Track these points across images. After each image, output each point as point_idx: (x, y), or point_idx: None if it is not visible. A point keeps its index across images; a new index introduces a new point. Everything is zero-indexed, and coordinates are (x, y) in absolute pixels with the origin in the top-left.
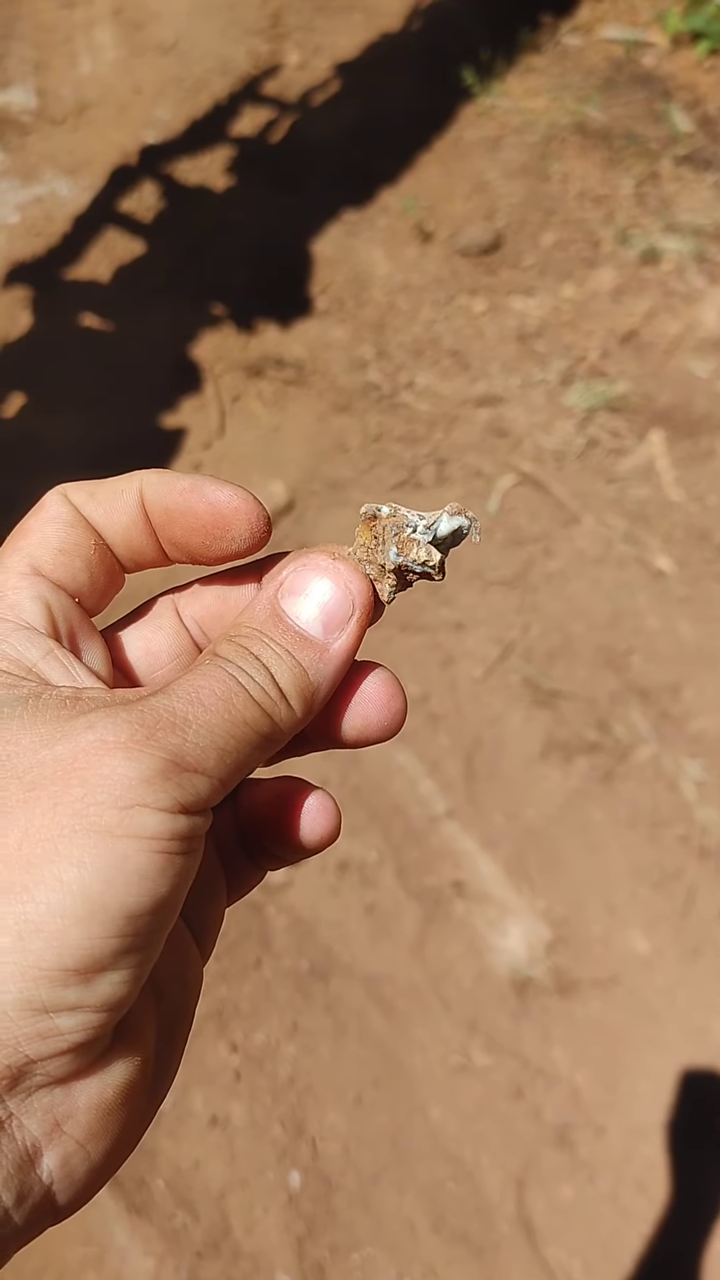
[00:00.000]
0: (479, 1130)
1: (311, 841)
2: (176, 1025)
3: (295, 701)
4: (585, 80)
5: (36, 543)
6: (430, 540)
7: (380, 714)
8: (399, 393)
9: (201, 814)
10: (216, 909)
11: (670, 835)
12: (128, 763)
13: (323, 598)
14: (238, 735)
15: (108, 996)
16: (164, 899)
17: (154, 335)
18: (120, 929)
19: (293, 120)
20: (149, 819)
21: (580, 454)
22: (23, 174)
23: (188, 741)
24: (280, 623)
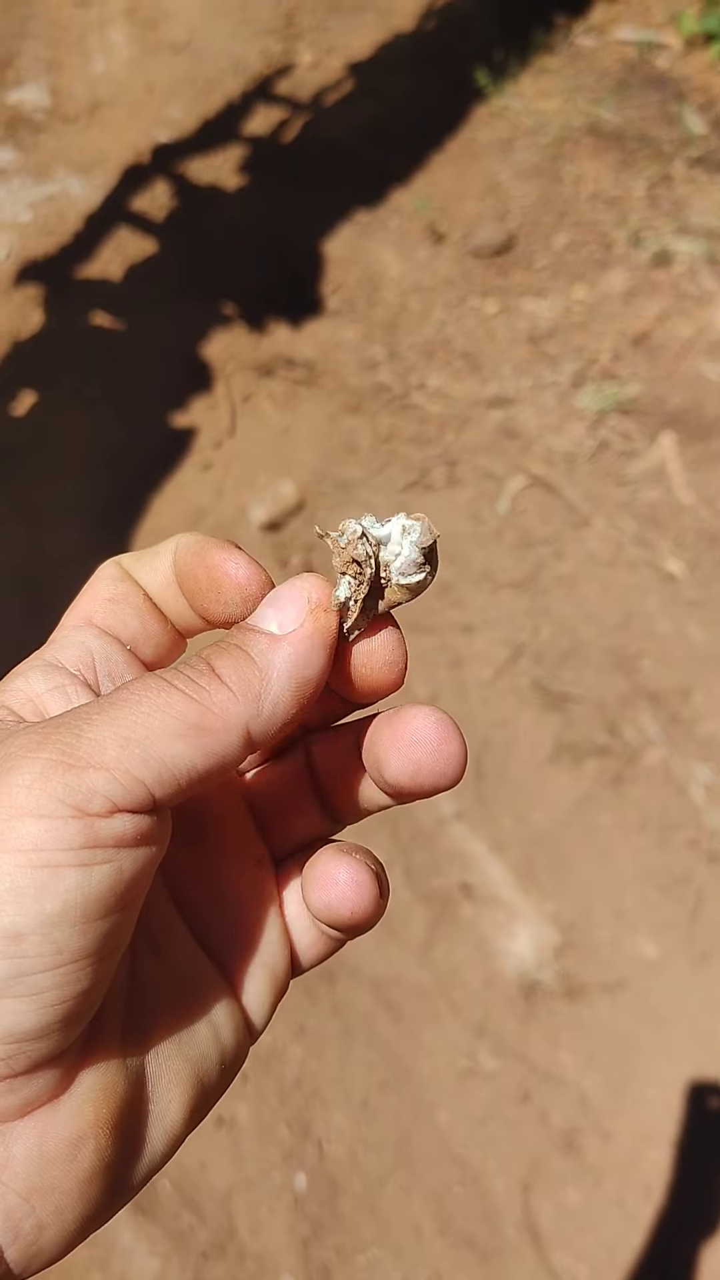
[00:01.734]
0: (486, 1134)
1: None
2: (178, 1080)
3: (236, 685)
4: (598, 82)
5: (89, 598)
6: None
7: (430, 758)
8: (410, 394)
9: (120, 814)
10: (263, 961)
11: (679, 839)
12: (13, 773)
13: (277, 596)
14: (149, 724)
15: (11, 1027)
16: (52, 915)
17: (165, 334)
18: (1, 950)
19: (305, 120)
20: (29, 828)
21: (591, 456)
22: (35, 172)
23: (83, 737)
24: (239, 627)
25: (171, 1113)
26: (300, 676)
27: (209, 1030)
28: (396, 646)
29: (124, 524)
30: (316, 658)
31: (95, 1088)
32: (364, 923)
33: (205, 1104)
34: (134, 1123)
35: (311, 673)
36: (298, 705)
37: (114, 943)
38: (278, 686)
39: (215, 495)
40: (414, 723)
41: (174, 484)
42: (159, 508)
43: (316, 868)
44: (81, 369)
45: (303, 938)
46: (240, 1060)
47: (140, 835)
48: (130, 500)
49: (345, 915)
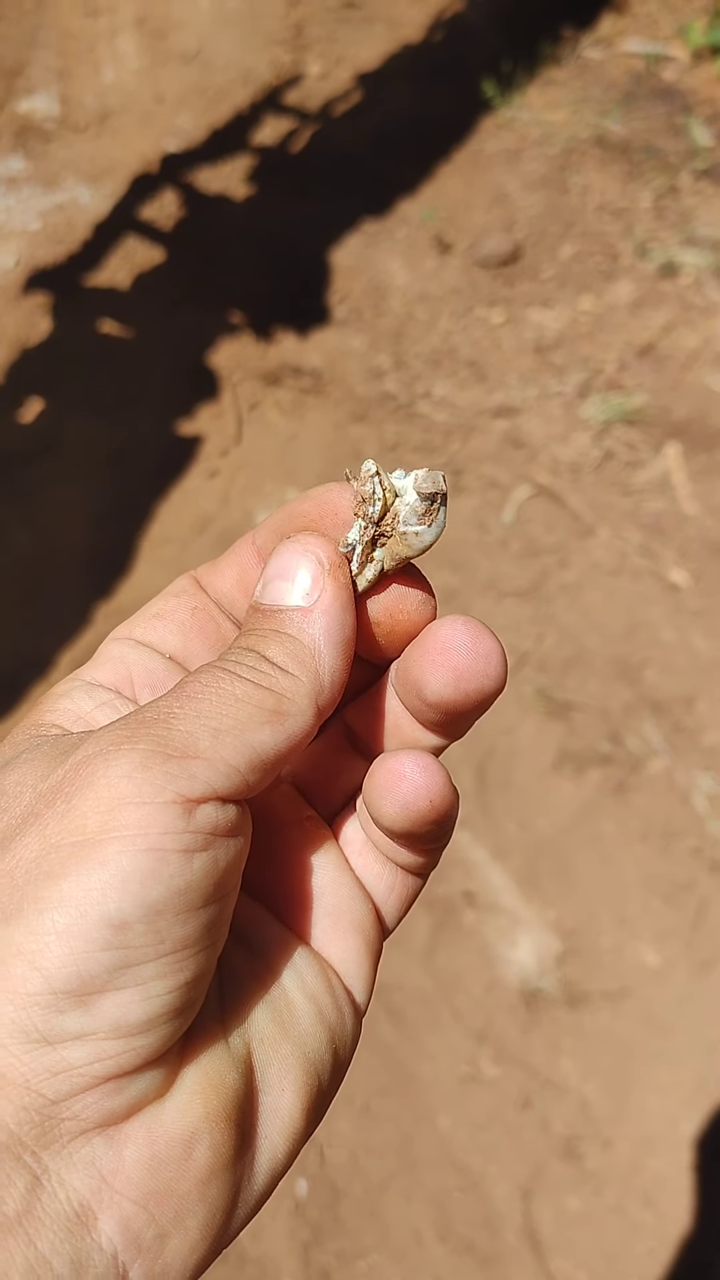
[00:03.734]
0: (487, 1140)
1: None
2: (288, 1067)
3: (295, 667)
4: (605, 93)
5: (139, 613)
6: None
7: (468, 659)
8: (416, 403)
9: (212, 802)
10: (348, 923)
11: (682, 848)
12: (109, 764)
13: (282, 567)
14: (233, 713)
15: (118, 1020)
16: (157, 902)
17: (173, 342)
18: (106, 940)
19: (313, 130)
20: (132, 814)
21: (596, 466)
22: (45, 181)
23: (174, 729)
24: (257, 611)
25: (286, 1103)
26: (341, 639)
27: (310, 1008)
28: (420, 590)
29: (130, 531)
30: (349, 616)
31: (202, 1081)
32: (445, 813)
33: (322, 1093)
34: (247, 1116)
35: (349, 632)
36: (348, 667)
37: (214, 933)
38: (329, 657)
39: (222, 503)
40: (441, 631)
41: (180, 491)
42: (165, 515)
43: (379, 772)
44: (89, 376)
45: (378, 886)
46: (351, 1039)
47: (233, 825)
48: (136, 507)
49: (425, 806)
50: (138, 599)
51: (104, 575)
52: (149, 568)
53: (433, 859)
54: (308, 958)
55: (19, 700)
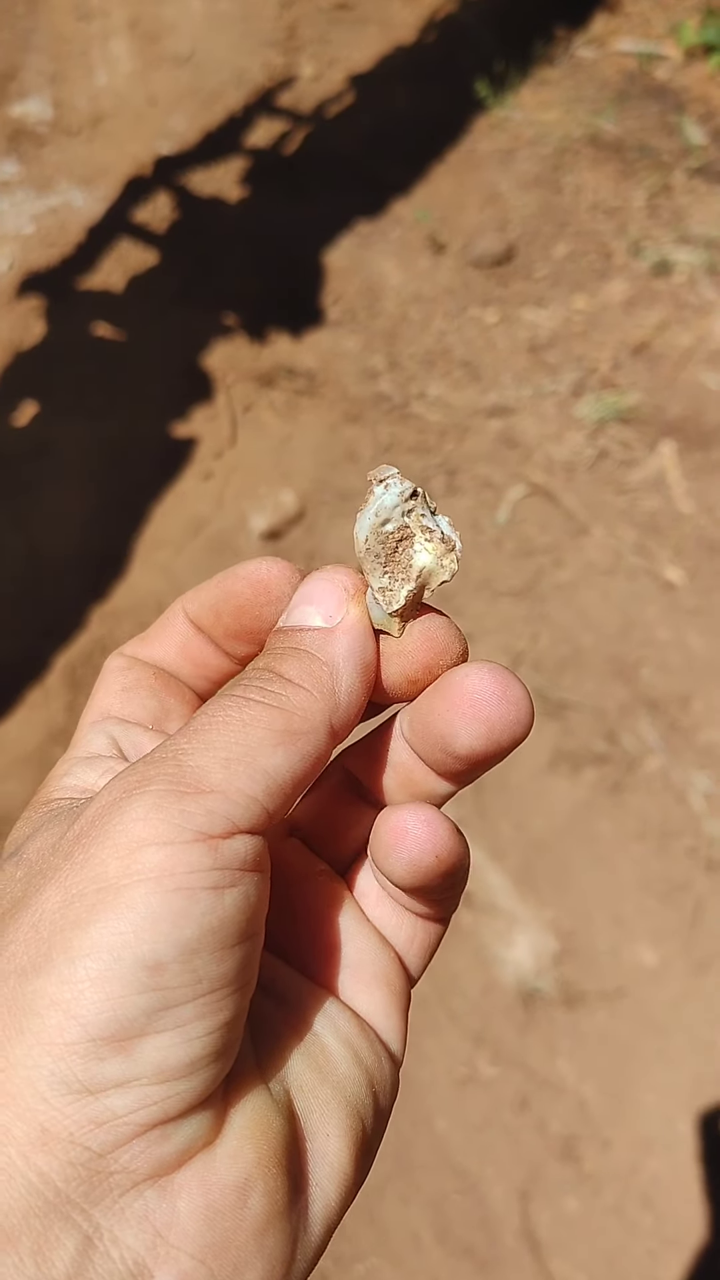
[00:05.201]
0: (485, 1142)
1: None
2: (330, 1112)
3: (309, 683)
4: (598, 93)
5: (101, 694)
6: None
7: (500, 710)
8: (410, 403)
9: (237, 836)
10: (371, 974)
11: (678, 847)
12: (123, 810)
13: (310, 592)
14: (245, 739)
15: (160, 1064)
16: (191, 941)
17: (166, 345)
18: (142, 983)
19: (307, 132)
20: (154, 855)
21: (591, 465)
22: (38, 184)
23: (185, 765)
24: (278, 633)
25: (333, 1149)
26: (363, 661)
27: (346, 1053)
28: (447, 627)
29: (124, 533)
30: (370, 642)
31: (250, 1126)
32: (453, 866)
33: (366, 1137)
34: (297, 1162)
35: (370, 656)
36: (366, 693)
37: (249, 972)
38: (347, 677)
39: (216, 505)
40: (469, 681)
41: (175, 493)
42: (159, 517)
43: (383, 830)
44: (82, 379)
45: (398, 935)
46: (391, 1085)
47: (258, 859)
48: (131, 509)
49: (431, 862)
50: (132, 601)
51: (99, 578)
52: (144, 570)
53: (448, 909)
54: (338, 1005)
55: (15, 703)
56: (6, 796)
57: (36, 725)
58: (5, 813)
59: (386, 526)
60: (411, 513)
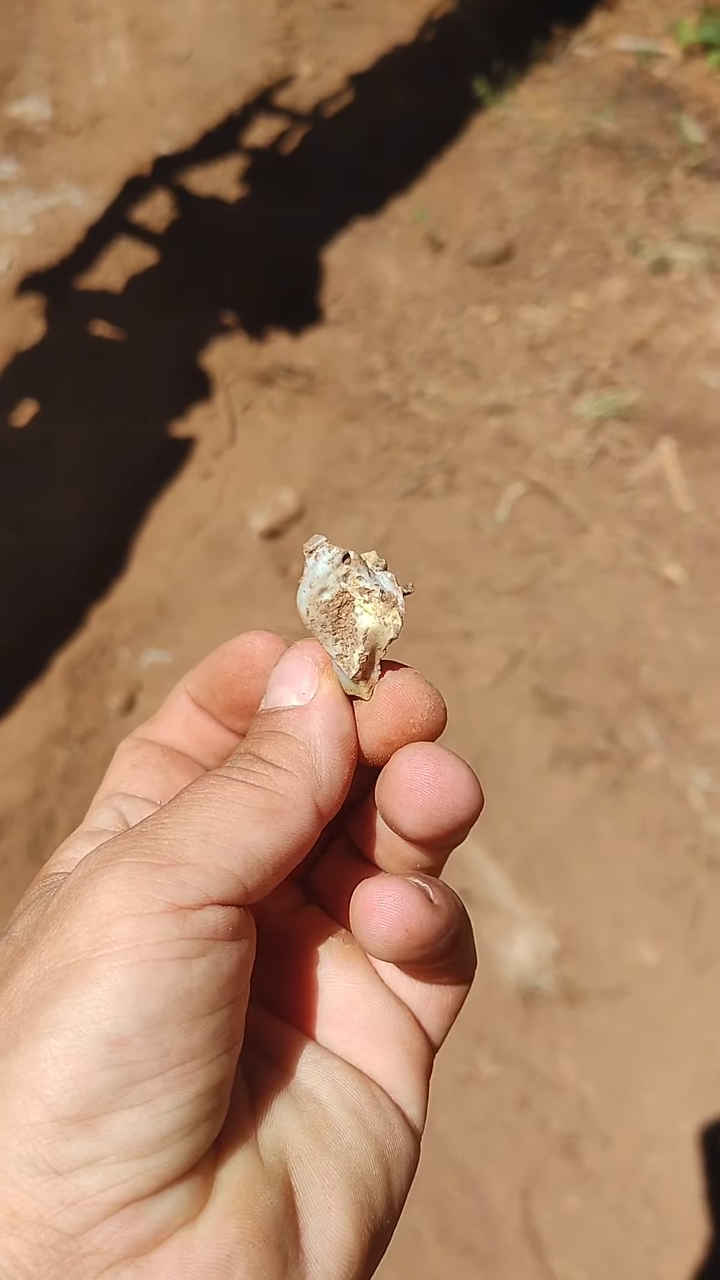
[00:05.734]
0: (485, 1140)
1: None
2: (332, 1184)
3: (290, 764)
4: (597, 91)
5: (112, 774)
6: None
7: (434, 798)
8: (409, 402)
9: (209, 907)
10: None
11: (679, 845)
12: (95, 883)
13: (283, 672)
14: (223, 816)
15: (127, 1141)
16: (155, 1014)
17: (165, 344)
18: (104, 1059)
19: (305, 131)
20: (122, 928)
21: (590, 463)
22: (37, 184)
23: (162, 839)
24: (257, 717)
25: (334, 1222)
26: (339, 734)
27: (351, 1121)
28: (413, 683)
29: (124, 533)
30: (345, 712)
31: (235, 1201)
32: (428, 939)
33: (374, 1209)
34: (289, 1237)
35: (346, 728)
36: (349, 765)
37: (225, 1042)
38: (325, 752)
39: (215, 504)
40: (402, 770)
41: (174, 493)
42: (159, 516)
43: (355, 905)
44: (82, 379)
45: (412, 995)
46: (406, 1154)
47: (233, 929)
48: (130, 509)
49: (401, 937)
50: (132, 601)
51: (98, 578)
52: (143, 570)
53: (453, 974)
54: (346, 1072)
55: (15, 702)
56: (6, 796)
57: (36, 725)
58: (5, 814)
59: (324, 595)
60: (347, 576)
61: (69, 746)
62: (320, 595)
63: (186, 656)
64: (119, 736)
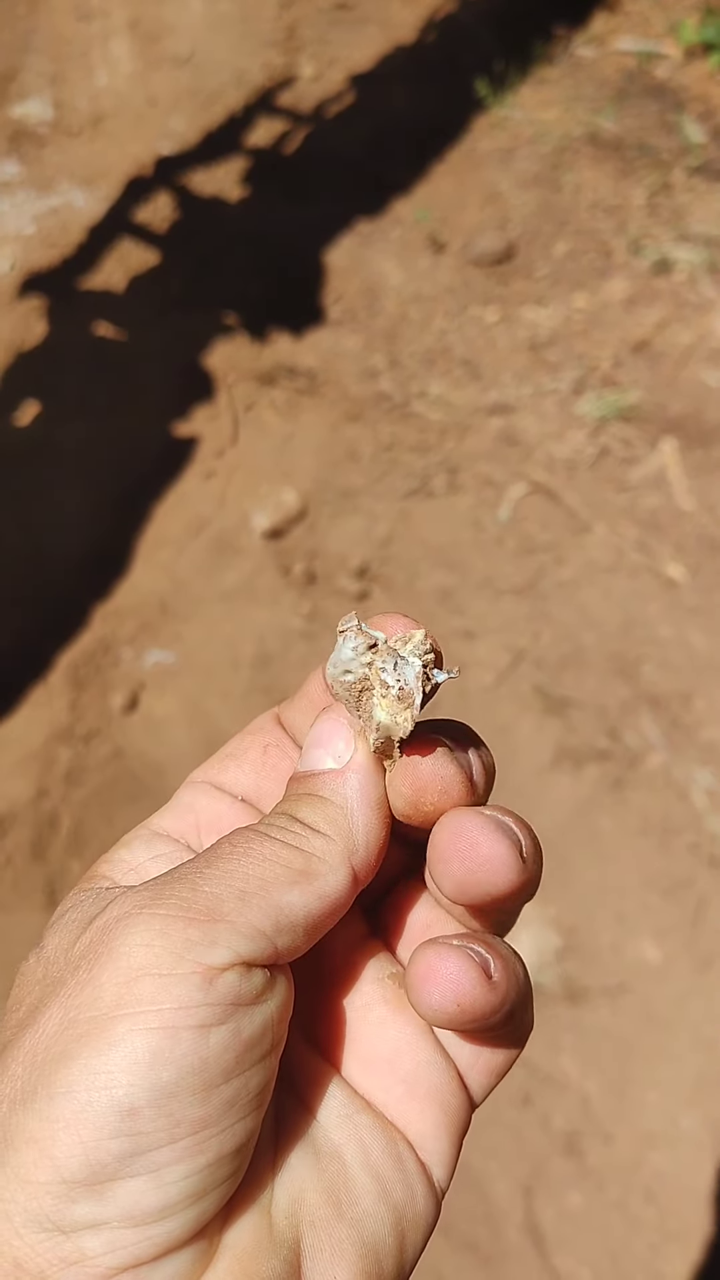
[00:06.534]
0: (487, 1137)
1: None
2: (341, 1253)
3: (326, 826)
4: (598, 92)
5: (216, 754)
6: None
7: (471, 869)
8: (411, 402)
9: (235, 969)
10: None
11: (680, 844)
12: (129, 931)
13: (319, 735)
14: (260, 874)
15: (130, 1209)
16: (168, 1085)
17: (168, 344)
18: (114, 1128)
19: (307, 132)
20: (148, 988)
21: (592, 463)
22: (39, 185)
23: (200, 891)
24: (294, 779)
25: None
26: (375, 798)
27: (373, 1187)
28: (433, 762)
29: (126, 532)
30: (380, 777)
31: (235, 1268)
32: (483, 1013)
33: (382, 1278)
34: None
35: (380, 792)
36: (384, 829)
37: (238, 1111)
38: (362, 816)
39: (218, 504)
40: (439, 836)
41: (176, 493)
42: (161, 516)
43: (412, 969)
44: (84, 379)
45: (461, 1053)
46: (423, 1221)
47: (257, 992)
48: (133, 509)
49: (454, 1010)
50: (135, 601)
51: (101, 577)
52: (146, 569)
53: (508, 1040)
54: (376, 1129)
55: (19, 701)
56: (10, 795)
57: (40, 724)
58: (9, 812)
59: (347, 677)
60: (370, 665)
61: (72, 746)
62: (343, 676)
63: (189, 656)
64: (122, 736)
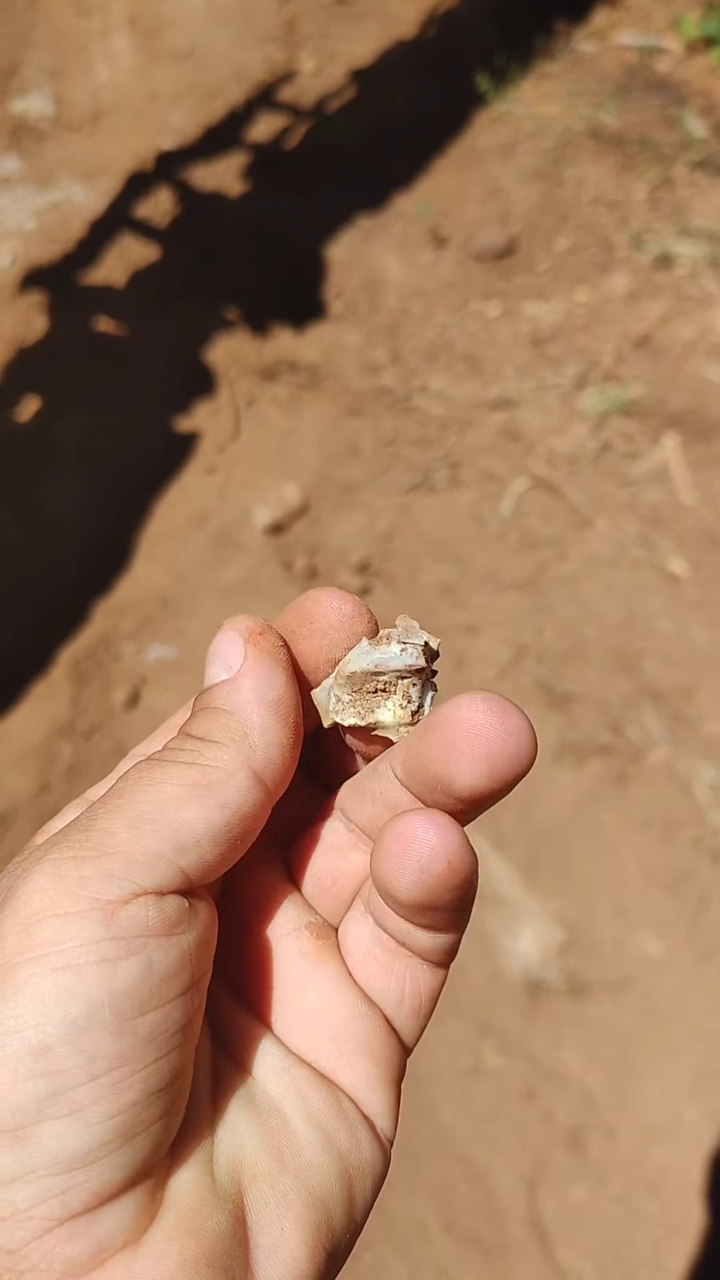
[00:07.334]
0: (490, 1131)
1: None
2: (288, 1204)
3: (221, 735)
4: (599, 86)
5: (157, 731)
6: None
7: (501, 744)
8: (412, 396)
9: (140, 899)
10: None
11: (683, 838)
12: (28, 879)
13: (213, 651)
14: (154, 797)
15: (55, 1154)
16: (79, 1019)
17: (169, 339)
18: (29, 1069)
19: (307, 126)
20: (45, 930)
21: (594, 458)
22: (39, 180)
23: (92, 829)
24: (195, 699)
25: (288, 1244)
26: (271, 699)
27: (315, 1137)
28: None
29: (127, 527)
30: (276, 676)
31: (180, 1225)
32: (465, 877)
33: (333, 1229)
34: (237, 1260)
35: (279, 691)
36: (288, 729)
37: (159, 1046)
38: (259, 718)
39: (219, 498)
40: (463, 715)
41: (178, 488)
42: (162, 511)
43: (388, 836)
44: (85, 374)
45: (388, 998)
46: (371, 1169)
47: (169, 922)
48: (134, 504)
49: (443, 870)
50: (137, 595)
51: (103, 572)
52: (147, 565)
53: (454, 938)
54: (314, 1081)
55: (20, 697)
56: (11, 791)
57: (41, 719)
58: (10, 808)
59: (380, 677)
60: (405, 679)
61: (74, 741)
62: (375, 674)
63: (190, 651)
64: (123, 731)
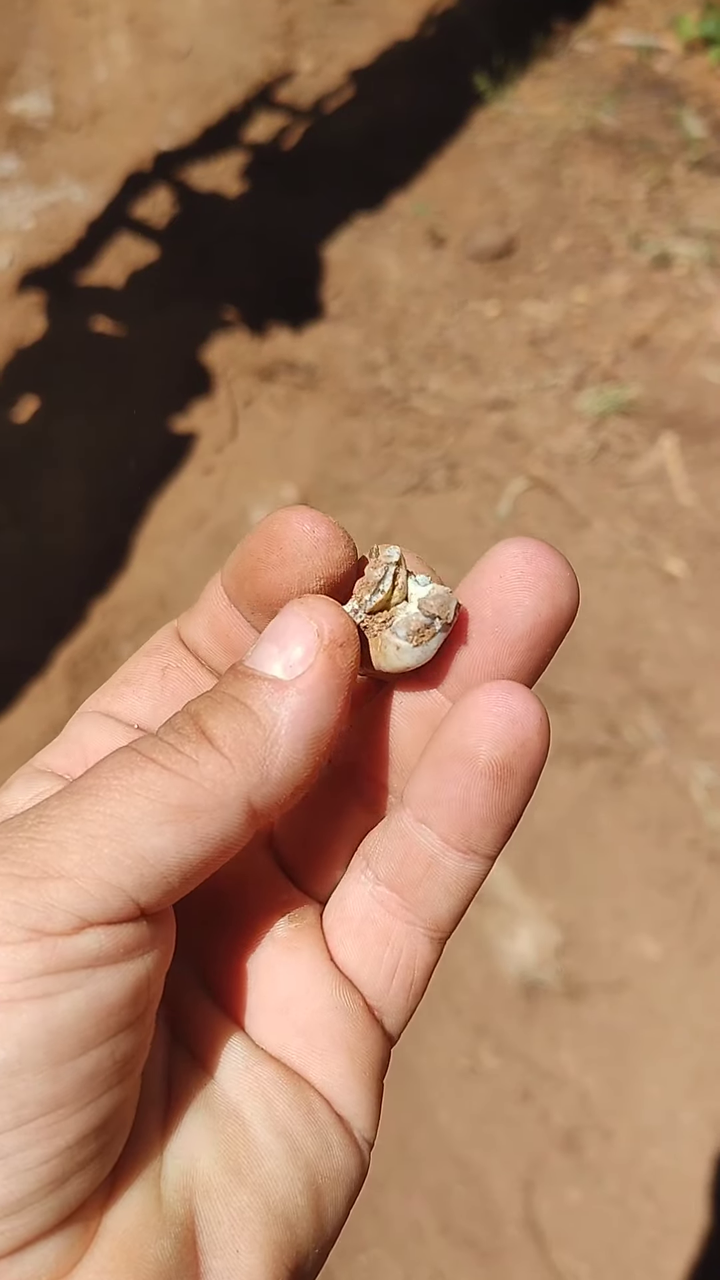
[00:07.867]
0: (487, 1133)
1: None
2: (245, 1223)
3: (232, 746)
4: (598, 86)
5: (109, 680)
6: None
7: (551, 565)
8: (410, 397)
9: (82, 930)
10: (332, 1038)
11: (680, 839)
12: None
13: (279, 629)
14: (120, 811)
15: None
16: (9, 1063)
17: (167, 339)
18: None
19: (306, 126)
20: None
21: (592, 458)
22: (38, 180)
23: (39, 841)
24: (231, 671)
25: (243, 1267)
26: (314, 730)
27: (278, 1145)
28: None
29: (126, 528)
30: (334, 707)
31: (117, 1255)
32: (541, 750)
33: (297, 1248)
34: None
35: (326, 724)
36: (312, 766)
37: (100, 1084)
38: (287, 746)
39: (217, 499)
40: (512, 546)
41: (175, 488)
42: (160, 511)
43: (470, 702)
44: (83, 374)
45: (376, 978)
46: (344, 1176)
47: (123, 949)
48: (132, 504)
49: (532, 735)
50: (134, 596)
51: (101, 573)
52: (145, 565)
53: (484, 866)
54: (281, 1081)
55: (17, 697)
56: None
57: (38, 720)
58: None
59: (417, 616)
60: (420, 617)
61: None
62: (416, 612)
63: None
64: None
